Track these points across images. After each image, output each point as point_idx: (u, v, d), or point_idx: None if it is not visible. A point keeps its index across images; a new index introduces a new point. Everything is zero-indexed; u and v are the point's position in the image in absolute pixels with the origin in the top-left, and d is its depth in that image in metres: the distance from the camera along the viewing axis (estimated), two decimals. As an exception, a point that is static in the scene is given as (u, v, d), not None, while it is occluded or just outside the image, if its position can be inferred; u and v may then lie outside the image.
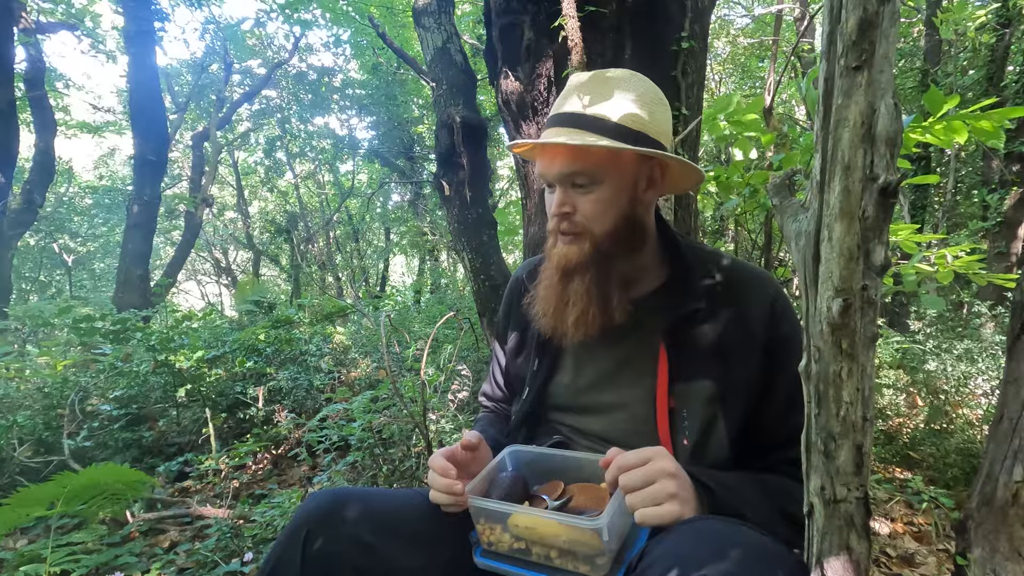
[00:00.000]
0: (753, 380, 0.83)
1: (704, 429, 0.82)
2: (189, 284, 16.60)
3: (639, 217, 0.88)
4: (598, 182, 0.83)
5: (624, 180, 0.85)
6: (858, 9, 0.51)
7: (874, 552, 1.64)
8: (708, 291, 0.87)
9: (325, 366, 3.47)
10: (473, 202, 2.83)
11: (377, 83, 9.43)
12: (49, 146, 6.39)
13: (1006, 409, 0.79)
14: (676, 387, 0.84)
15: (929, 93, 1.48)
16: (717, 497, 0.71)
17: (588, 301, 0.85)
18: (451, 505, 0.81)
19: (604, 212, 0.84)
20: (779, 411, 0.83)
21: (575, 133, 0.82)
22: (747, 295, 0.87)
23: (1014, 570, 0.71)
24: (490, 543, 0.77)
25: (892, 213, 0.54)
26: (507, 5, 1.96)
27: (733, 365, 0.83)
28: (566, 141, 0.80)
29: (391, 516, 0.82)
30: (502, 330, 1.11)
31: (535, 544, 0.73)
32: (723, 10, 8.99)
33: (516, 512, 0.73)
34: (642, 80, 0.88)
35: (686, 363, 0.85)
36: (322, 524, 0.77)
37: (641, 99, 0.85)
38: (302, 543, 0.75)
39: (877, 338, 0.56)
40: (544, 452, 0.88)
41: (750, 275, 0.90)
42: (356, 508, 0.79)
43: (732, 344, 0.84)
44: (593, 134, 0.81)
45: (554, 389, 0.96)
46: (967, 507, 0.78)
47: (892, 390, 2.60)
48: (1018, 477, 0.74)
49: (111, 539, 1.74)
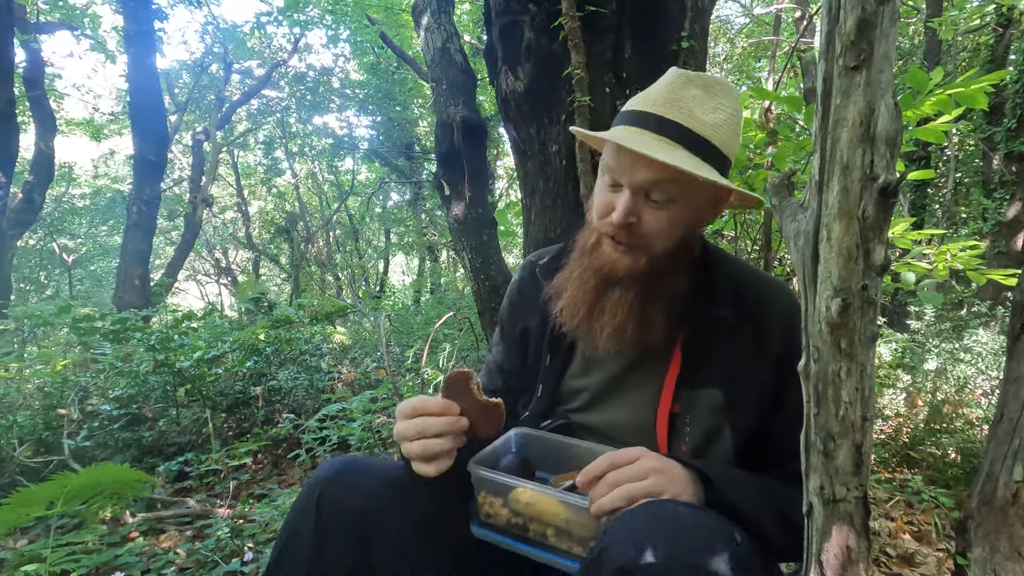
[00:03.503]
0: (764, 393, 0.82)
1: (707, 437, 0.82)
2: (189, 284, 16.59)
3: (697, 236, 0.86)
4: (674, 200, 0.78)
5: (697, 202, 0.81)
6: (856, 9, 0.51)
7: (874, 552, 1.64)
8: (732, 301, 0.85)
9: (325, 366, 3.46)
10: (473, 202, 2.83)
11: (377, 83, 9.43)
12: (49, 146, 6.39)
13: (1006, 409, 0.79)
14: (682, 392, 0.83)
15: (911, 73, 1.47)
16: (715, 487, 0.71)
17: (627, 316, 0.81)
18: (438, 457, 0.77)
19: (671, 231, 0.80)
20: (787, 425, 0.81)
21: (671, 146, 0.76)
22: (768, 307, 0.85)
23: (1014, 569, 0.71)
24: (488, 515, 0.78)
25: (892, 213, 0.54)
26: (507, 5, 1.96)
27: (747, 376, 0.82)
28: (671, 162, 0.72)
29: (396, 475, 0.85)
30: (507, 320, 1.07)
31: (533, 521, 0.74)
32: (723, 10, 8.98)
33: (520, 486, 0.74)
34: (735, 94, 0.83)
35: (698, 370, 0.84)
36: (333, 482, 0.81)
37: (734, 118, 0.81)
38: (316, 501, 0.79)
39: (877, 338, 0.56)
40: (550, 437, 0.89)
41: (773, 287, 0.89)
42: (365, 467, 0.84)
43: (745, 355, 0.83)
44: (685, 150, 0.76)
45: (565, 386, 0.95)
46: (967, 507, 0.78)
47: (892, 390, 2.60)
48: (1018, 477, 0.74)
49: (111, 539, 1.73)
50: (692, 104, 0.78)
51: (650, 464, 0.70)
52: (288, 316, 3.58)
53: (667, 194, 0.77)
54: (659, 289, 0.82)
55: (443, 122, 2.89)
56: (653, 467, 0.70)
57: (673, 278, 0.84)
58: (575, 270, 0.86)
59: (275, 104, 10.85)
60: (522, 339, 1.01)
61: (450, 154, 2.86)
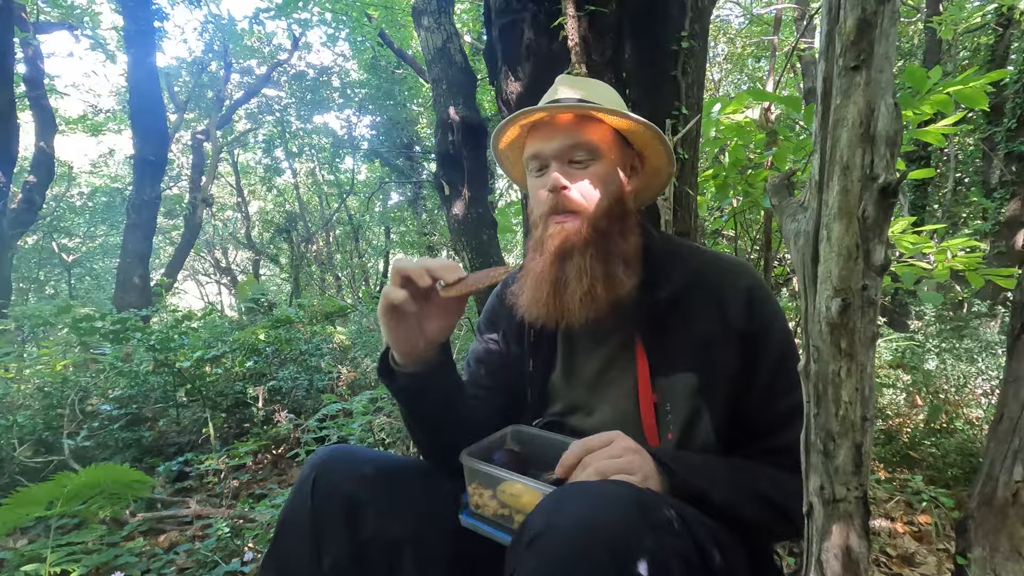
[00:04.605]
0: (735, 370, 0.84)
1: (689, 422, 0.83)
2: (189, 284, 16.60)
3: (627, 203, 0.89)
4: (596, 158, 0.85)
5: (616, 161, 0.87)
6: (856, 9, 0.51)
7: (874, 552, 1.64)
8: (684, 283, 0.87)
9: (325, 366, 3.46)
10: (473, 202, 2.83)
11: (376, 82, 9.42)
12: (49, 146, 6.39)
13: (1006, 409, 0.79)
14: (657, 381, 0.85)
15: (910, 71, 1.47)
16: (676, 476, 0.73)
17: (593, 277, 0.82)
18: (409, 288, 0.78)
19: (601, 189, 0.85)
20: (760, 399, 0.84)
21: (569, 102, 0.85)
22: (723, 285, 0.87)
23: (1014, 569, 0.71)
24: (477, 506, 0.81)
25: (892, 213, 0.54)
26: (507, 5, 1.96)
27: (714, 356, 0.84)
28: (582, 96, 0.85)
29: (390, 463, 0.88)
30: (484, 324, 1.09)
31: (518, 513, 0.76)
32: (722, 10, 8.98)
33: (508, 479, 0.77)
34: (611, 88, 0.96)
35: (665, 357, 0.85)
36: (328, 467, 0.83)
37: (619, 97, 0.93)
38: (311, 485, 0.82)
39: (877, 337, 0.56)
40: (543, 434, 0.91)
41: (726, 265, 0.91)
42: (359, 454, 0.88)
43: (712, 335, 0.84)
44: (580, 101, 0.86)
45: (551, 389, 0.97)
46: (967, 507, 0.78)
47: (892, 390, 2.60)
48: (1018, 477, 0.74)
49: (111, 539, 1.73)
50: (578, 87, 0.91)
51: (625, 444, 0.72)
52: (288, 316, 3.58)
53: (590, 152, 0.85)
54: (610, 248, 0.85)
55: (443, 122, 2.89)
56: (628, 447, 0.72)
57: (621, 239, 0.87)
58: (529, 266, 0.89)
59: (275, 103, 10.85)
60: (500, 349, 1.03)
61: (450, 154, 2.86)
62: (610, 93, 0.93)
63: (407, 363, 0.84)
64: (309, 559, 0.80)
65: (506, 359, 1.02)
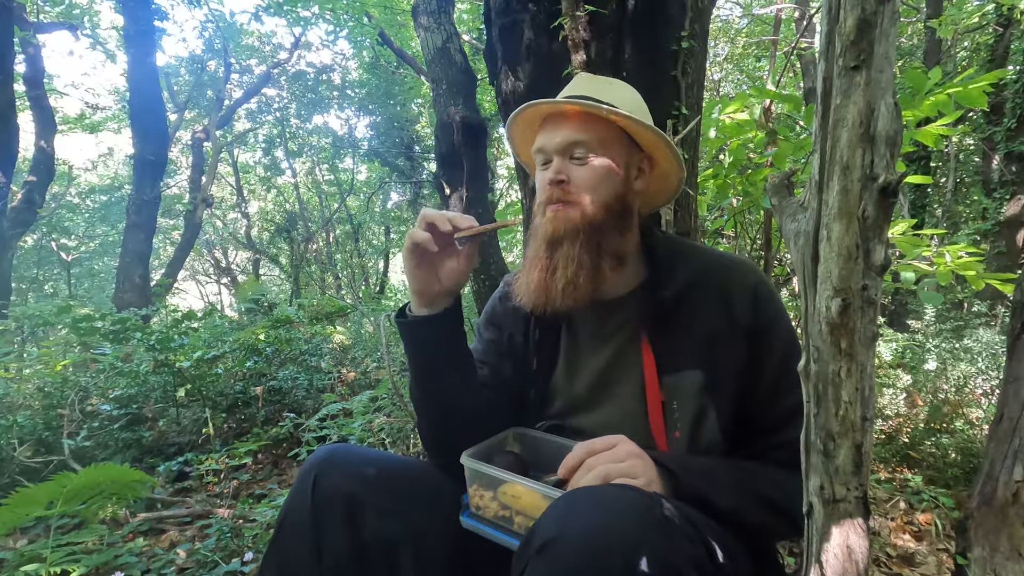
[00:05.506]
0: (740, 367, 0.84)
1: (695, 420, 0.83)
2: (189, 284, 16.59)
3: (629, 202, 0.89)
4: (596, 154, 0.86)
5: (620, 160, 0.88)
6: (856, 9, 0.51)
7: (874, 552, 1.64)
8: (688, 282, 0.88)
9: (325, 366, 3.46)
10: (473, 202, 2.83)
11: (376, 82, 9.42)
12: (49, 145, 6.39)
13: (1006, 409, 0.79)
14: (664, 380, 0.85)
15: (909, 72, 1.47)
16: (679, 480, 0.73)
17: (578, 267, 0.84)
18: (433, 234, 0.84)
19: (598, 183, 0.86)
20: (766, 397, 0.84)
21: (581, 99, 0.86)
22: (729, 283, 0.87)
23: (1014, 569, 0.71)
24: (478, 507, 0.81)
25: (892, 213, 0.54)
26: (507, 5, 1.96)
27: (720, 354, 0.84)
28: (591, 95, 0.86)
29: (389, 463, 0.89)
30: (483, 325, 1.09)
31: (518, 514, 0.76)
32: (722, 10, 8.99)
33: (509, 481, 0.77)
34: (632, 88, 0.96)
35: (671, 355, 0.86)
36: (327, 465, 0.84)
37: (638, 99, 0.93)
38: (311, 483, 0.82)
39: (877, 338, 0.56)
40: (545, 436, 0.91)
41: (731, 264, 0.91)
42: (358, 453, 0.88)
43: (717, 333, 0.85)
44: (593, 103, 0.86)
45: (553, 389, 0.97)
46: (967, 507, 0.78)
47: (892, 390, 2.59)
48: (1018, 477, 0.74)
49: (111, 539, 1.73)
50: (595, 85, 0.92)
51: (628, 448, 0.72)
52: (288, 316, 3.58)
53: (590, 148, 0.86)
54: (601, 241, 0.86)
55: (443, 122, 2.89)
56: (631, 451, 0.72)
57: (616, 235, 0.88)
58: (528, 254, 0.91)
59: (275, 102, 10.84)
60: (499, 349, 1.03)
61: (450, 154, 2.87)
62: (626, 93, 0.93)
63: (422, 305, 0.89)
64: (309, 559, 0.80)
65: (506, 357, 1.02)
